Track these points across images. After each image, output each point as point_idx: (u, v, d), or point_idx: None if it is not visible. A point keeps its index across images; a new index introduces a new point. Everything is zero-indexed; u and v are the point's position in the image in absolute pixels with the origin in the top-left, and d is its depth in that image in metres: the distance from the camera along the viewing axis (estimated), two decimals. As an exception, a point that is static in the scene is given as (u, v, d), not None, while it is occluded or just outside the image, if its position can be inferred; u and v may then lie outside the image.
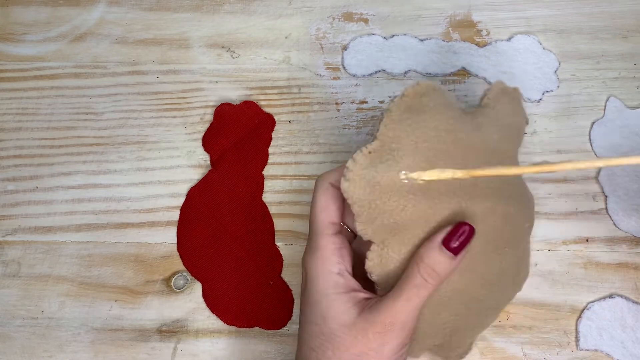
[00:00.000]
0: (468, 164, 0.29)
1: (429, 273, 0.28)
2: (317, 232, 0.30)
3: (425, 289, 0.28)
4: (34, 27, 0.48)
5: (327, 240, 0.30)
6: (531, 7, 0.47)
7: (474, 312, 0.31)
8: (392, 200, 0.28)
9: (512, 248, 0.31)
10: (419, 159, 0.28)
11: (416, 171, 0.28)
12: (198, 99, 0.45)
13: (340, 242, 0.30)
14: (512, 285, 0.33)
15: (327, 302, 0.28)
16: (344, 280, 0.29)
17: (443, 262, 0.28)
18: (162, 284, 0.40)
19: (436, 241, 0.28)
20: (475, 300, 0.31)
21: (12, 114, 0.45)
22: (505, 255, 0.31)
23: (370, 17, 0.47)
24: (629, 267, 0.39)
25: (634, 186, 0.40)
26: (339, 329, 0.28)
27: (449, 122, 0.29)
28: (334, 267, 0.29)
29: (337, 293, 0.29)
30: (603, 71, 0.44)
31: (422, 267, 0.28)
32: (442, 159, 0.28)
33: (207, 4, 0.48)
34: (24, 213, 0.42)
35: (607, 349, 0.36)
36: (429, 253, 0.28)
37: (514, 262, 0.32)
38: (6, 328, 0.39)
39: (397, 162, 0.28)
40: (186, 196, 0.42)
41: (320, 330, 0.28)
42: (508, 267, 0.32)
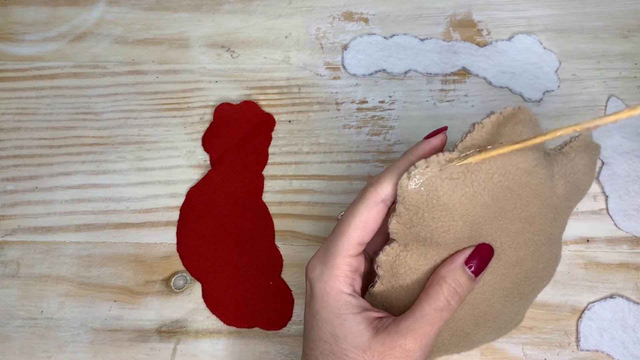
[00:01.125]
0: (528, 211, 0.28)
1: (452, 295, 0.27)
2: (338, 248, 0.28)
3: (447, 312, 0.27)
4: (33, 26, 0.48)
5: (344, 261, 0.28)
6: (532, 6, 0.47)
7: (455, 342, 0.32)
8: (440, 220, 0.27)
9: (522, 299, 0.32)
10: (488, 191, 0.26)
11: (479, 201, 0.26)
12: (198, 99, 0.45)
13: (357, 264, 0.28)
14: (502, 329, 0.33)
15: (340, 322, 0.27)
16: (356, 300, 0.28)
17: (465, 284, 0.27)
18: (161, 284, 0.40)
19: (458, 262, 0.27)
20: (463, 332, 0.31)
21: (12, 114, 0.45)
22: (512, 304, 0.31)
23: (370, 16, 0.47)
24: (630, 267, 0.38)
25: (634, 186, 0.40)
26: (351, 350, 0.27)
27: (530, 164, 0.27)
28: (345, 287, 0.28)
29: (350, 313, 0.27)
30: (604, 71, 0.44)
31: (445, 288, 0.27)
32: (508, 198, 0.27)
33: (206, 4, 0.48)
34: (24, 213, 0.42)
35: (608, 349, 0.36)
36: (452, 274, 0.27)
37: (515, 311, 0.32)
38: (5, 328, 0.39)
39: (465, 187, 0.26)
40: (186, 196, 0.42)
41: (330, 349, 0.27)
42: (509, 313, 0.32)
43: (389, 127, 0.43)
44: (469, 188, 0.26)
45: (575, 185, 0.30)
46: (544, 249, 0.30)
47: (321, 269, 0.28)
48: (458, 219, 0.27)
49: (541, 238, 0.30)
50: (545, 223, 0.29)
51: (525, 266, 0.30)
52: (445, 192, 0.26)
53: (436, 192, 0.26)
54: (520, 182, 0.27)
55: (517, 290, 0.31)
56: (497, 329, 0.33)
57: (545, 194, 0.28)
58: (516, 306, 0.32)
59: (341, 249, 0.28)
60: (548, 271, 0.32)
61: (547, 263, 0.31)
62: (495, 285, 0.30)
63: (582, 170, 0.30)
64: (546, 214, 0.29)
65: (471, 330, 0.31)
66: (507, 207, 0.27)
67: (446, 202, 0.26)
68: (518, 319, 0.34)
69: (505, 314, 0.32)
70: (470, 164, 0.26)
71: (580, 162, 0.30)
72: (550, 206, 0.29)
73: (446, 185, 0.26)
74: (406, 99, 0.44)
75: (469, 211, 0.27)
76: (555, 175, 0.29)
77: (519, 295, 0.31)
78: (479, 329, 0.31)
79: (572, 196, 0.30)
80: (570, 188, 0.30)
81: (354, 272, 0.28)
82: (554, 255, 0.32)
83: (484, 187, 0.26)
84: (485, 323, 0.31)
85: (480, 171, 0.26)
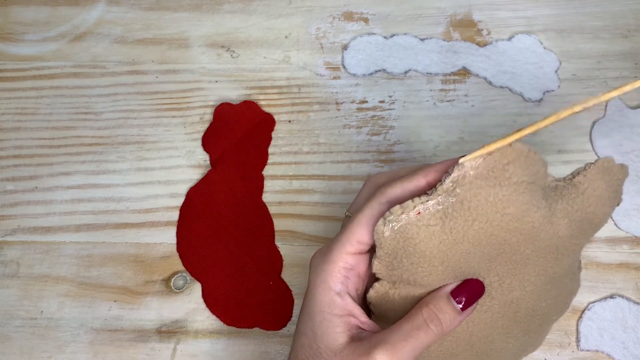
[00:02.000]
0: (520, 255, 0.27)
1: (432, 318, 0.27)
2: (338, 243, 0.28)
3: (425, 334, 0.26)
4: (33, 26, 0.48)
5: (342, 257, 0.27)
6: (532, 6, 0.47)
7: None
8: (420, 265, 0.26)
9: (527, 335, 0.31)
10: (468, 238, 0.25)
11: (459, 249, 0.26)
12: (198, 99, 0.45)
13: (355, 262, 0.28)
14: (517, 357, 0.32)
15: (320, 319, 0.27)
16: (341, 301, 0.27)
17: (448, 313, 0.27)
18: (161, 284, 0.40)
19: (445, 291, 0.27)
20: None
21: (11, 114, 0.45)
22: (517, 340, 0.30)
23: (370, 16, 0.47)
24: (630, 267, 0.38)
25: (634, 186, 0.40)
26: (324, 350, 0.27)
27: (519, 209, 0.25)
28: (335, 285, 0.27)
29: (330, 313, 0.27)
30: (604, 71, 0.44)
31: (425, 311, 0.27)
32: (493, 244, 0.26)
33: (206, 4, 0.48)
34: (23, 213, 0.42)
35: (608, 349, 0.36)
36: (435, 300, 0.27)
37: (521, 346, 0.31)
38: (5, 328, 0.39)
39: (443, 234, 0.25)
40: (186, 196, 0.42)
41: (308, 344, 0.28)
42: (513, 349, 0.31)
43: (389, 127, 0.43)
44: (447, 236, 0.25)
45: (585, 221, 0.27)
46: (547, 287, 0.29)
47: (318, 261, 0.28)
48: (438, 264, 0.26)
49: (541, 278, 0.28)
50: (544, 264, 0.28)
51: (524, 305, 0.29)
52: (421, 240, 0.25)
53: (412, 240, 0.25)
54: (506, 228, 0.26)
55: (520, 327, 0.30)
56: (513, 356, 0.32)
57: (541, 237, 0.26)
58: (521, 341, 0.31)
59: (340, 244, 0.27)
60: (557, 307, 0.31)
61: (553, 300, 0.29)
62: (492, 324, 0.29)
63: (595, 203, 0.27)
64: (545, 255, 0.27)
65: (468, 356, 0.30)
66: (493, 253, 0.26)
67: (423, 250, 0.26)
68: (529, 350, 0.32)
69: (509, 349, 0.31)
70: (447, 210, 0.25)
71: (593, 194, 0.27)
72: (549, 247, 0.27)
73: (422, 233, 0.25)
74: (406, 98, 0.44)
75: (449, 257, 0.26)
76: (557, 215, 0.26)
77: (523, 332, 0.30)
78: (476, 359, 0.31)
79: (580, 233, 0.28)
80: (578, 226, 0.27)
81: (348, 270, 0.28)
82: (563, 292, 0.30)
83: (464, 235, 0.25)
84: (487, 357, 0.31)
85: (459, 218, 0.25)
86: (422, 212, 0.25)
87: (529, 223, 0.26)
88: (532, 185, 0.25)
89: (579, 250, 0.29)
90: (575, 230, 0.27)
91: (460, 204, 0.25)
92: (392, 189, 0.27)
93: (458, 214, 0.25)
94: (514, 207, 0.25)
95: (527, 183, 0.25)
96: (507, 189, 0.25)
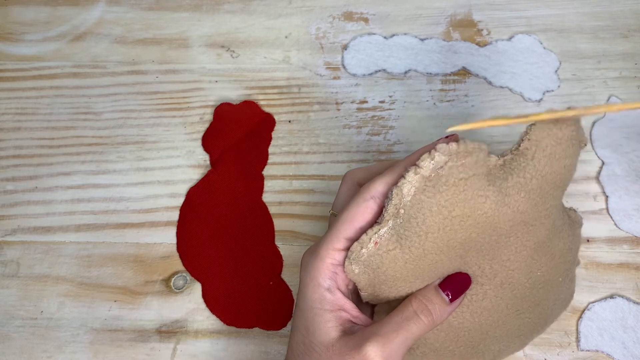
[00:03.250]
0: (488, 243, 0.27)
1: (421, 309, 0.27)
2: (326, 240, 0.28)
3: (415, 324, 0.27)
4: (33, 26, 0.48)
5: (329, 253, 0.28)
6: (532, 6, 0.47)
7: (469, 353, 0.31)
8: (397, 286, 0.27)
9: (540, 305, 0.31)
10: (429, 251, 0.26)
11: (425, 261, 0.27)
12: (198, 99, 0.45)
13: (343, 258, 0.28)
14: (539, 331, 0.33)
15: (311, 315, 0.28)
16: (331, 296, 0.28)
17: (438, 304, 0.28)
18: (161, 284, 0.40)
19: (432, 284, 0.28)
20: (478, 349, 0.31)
21: (11, 114, 0.45)
22: (532, 312, 0.31)
23: (370, 16, 0.47)
24: (630, 267, 0.38)
25: (634, 186, 0.40)
26: (317, 345, 0.27)
27: (466, 207, 0.25)
28: (324, 281, 0.28)
29: (321, 309, 0.28)
30: (604, 71, 0.44)
31: (415, 302, 0.28)
32: (456, 246, 0.26)
33: (206, 4, 0.48)
34: (23, 213, 0.42)
35: (608, 349, 0.36)
36: (424, 292, 0.28)
37: (542, 315, 0.31)
38: (5, 328, 0.39)
39: (403, 253, 0.26)
40: (186, 196, 0.42)
41: (302, 340, 0.28)
42: (534, 319, 0.31)
43: (389, 127, 0.43)
44: (408, 255, 0.26)
45: (546, 184, 0.26)
46: (534, 258, 0.29)
47: (307, 259, 0.29)
48: (413, 279, 0.27)
49: (522, 253, 0.28)
50: (519, 240, 0.27)
51: (517, 282, 0.29)
52: (388, 266, 0.26)
53: (380, 269, 0.27)
54: (461, 228, 0.26)
55: (526, 302, 0.30)
56: (528, 333, 0.32)
57: (501, 221, 0.26)
58: (538, 312, 0.31)
59: (327, 241, 0.28)
60: (558, 268, 0.30)
61: (549, 265, 0.30)
62: (495, 309, 0.29)
63: (550, 163, 0.26)
64: (515, 233, 0.27)
65: (488, 343, 0.31)
66: (460, 252, 0.27)
67: (393, 274, 0.27)
68: (557, 311, 0.32)
69: (531, 322, 0.31)
70: (399, 230, 0.26)
71: (544, 155, 0.25)
72: (515, 226, 0.27)
73: (386, 259, 0.26)
74: (406, 98, 0.44)
75: (420, 270, 0.27)
76: (510, 193, 0.25)
77: (533, 304, 0.30)
78: (500, 343, 0.31)
79: (546, 198, 0.26)
80: (539, 193, 0.26)
81: (337, 266, 0.28)
82: (557, 252, 0.30)
83: (423, 249, 0.26)
84: (507, 338, 0.31)
85: (412, 236, 0.26)
86: (378, 242, 0.26)
87: (481, 215, 0.25)
88: (472, 178, 0.25)
89: (556, 209, 0.28)
90: (537, 197, 0.26)
91: (408, 223, 0.25)
92: (376, 186, 0.27)
93: (410, 232, 0.26)
94: (459, 208, 0.25)
95: (464, 179, 0.25)
96: (446, 194, 0.25)
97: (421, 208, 0.25)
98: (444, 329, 0.29)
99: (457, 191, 0.25)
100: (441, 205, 0.25)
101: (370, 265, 0.27)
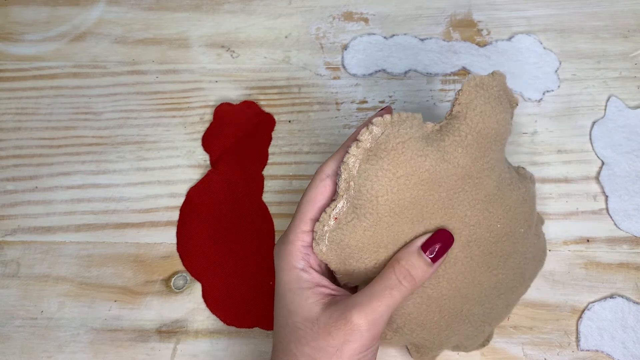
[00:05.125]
0: (439, 200, 0.28)
1: (404, 275, 0.27)
2: (293, 225, 0.29)
3: (398, 292, 0.27)
4: (33, 26, 0.48)
5: (298, 236, 0.29)
6: (532, 6, 0.47)
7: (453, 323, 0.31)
8: (364, 258, 0.28)
9: (510, 258, 0.31)
10: (383, 214, 0.27)
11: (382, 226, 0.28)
12: (198, 99, 0.45)
13: (312, 239, 0.29)
14: (517, 288, 0.33)
15: (291, 296, 0.28)
16: (307, 275, 0.29)
17: (420, 267, 0.28)
18: (161, 284, 0.40)
19: (415, 245, 0.28)
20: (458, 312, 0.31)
21: (12, 114, 0.45)
22: (505, 266, 0.31)
23: (370, 16, 0.47)
24: (630, 267, 0.38)
25: (634, 186, 0.40)
26: (301, 322, 0.28)
27: (409, 165, 0.27)
28: (298, 262, 0.29)
29: (300, 288, 0.28)
30: (604, 71, 0.44)
31: (397, 269, 0.28)
32: (408, 207, 0.28)
33: (206, 4, 0.48)
34: (24, 213, 0.42)
35: (608, 349, 0.36)
36: (407, 256, 0.28)
37: (517, 268, 0.32)
38: (5, 328, 0.39)
39: (360, 221, 0.28)
40: (186, 196, 0.42)
41: (285, 323, 0.28)
42: (509, 274, 0.31)
43: (389, 127, 0.43)
44: (365, 222, 0.28)
45: (481, 138, 0.28)
46: (489, 210, 0.30)
47: (278, 247, 0.30)
48: (377, 248, 0.28)
49: (476, 207, 0.29)
50: (468, 194, 0.29)
51: (480, 237, 0.30)
52: (350, 238, 0.28)
53: (343, 242, 0.28)
54: (408, 187, 0.27)
55: (495, 258, 0.30)
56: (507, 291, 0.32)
57: (444, 176, 0.28)
58: (511, 265, 0.31)
59: (294, 225, 0.29)
60: (516, 218, 0.31)
61: (505, 215, 0.30)
62: (467, 269, 0.30)
63: (482, 120, 0.28)
64: (462, 187, 0.28)
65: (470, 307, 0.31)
66: (415, 213, 0.28)
67: (356, 244, 0.28)
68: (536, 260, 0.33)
69: (507, 277, 0.31)
70: (354, 201, 0.27)
71: (474, 113, 0.28)
72: (460, 179, 0.28)
73: (347, 231, 0.28)
74: (406, 98, 0.44)
75: (382, 238, 0.28)
76: (448, 150, 0.28)
77: (503, 258, 0.31)
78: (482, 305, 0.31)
79: (485, 151, 0.28)
80: (476, 147, 0.28)
81: (307, 247, 0.29)
82: (511, 203, 0.30)
83: (377, 214, 0.27)
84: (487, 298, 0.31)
85: (365, 203, 0.27)
86: (338, 217, 0.28)
87: (424, 172, 0.27)
88: (409, 141, 0.27)
89: (498, 162, 0.30)
90: (475, 152, 0.28)
91: (359, 192, 0.27)
92: (328, 164, 0.29)
93: (362, 200, 0.27)
94: (401, 169, 0.27)
95: (402, 142, 0.27)
96: (387, 158, 0.27)
97: (368, 176, 0.27)
98: (424, 302, 0.30)
99: (396, 154, 0.27)
100: (384, 169, 0.27)
101: (335, 241, 0.28)
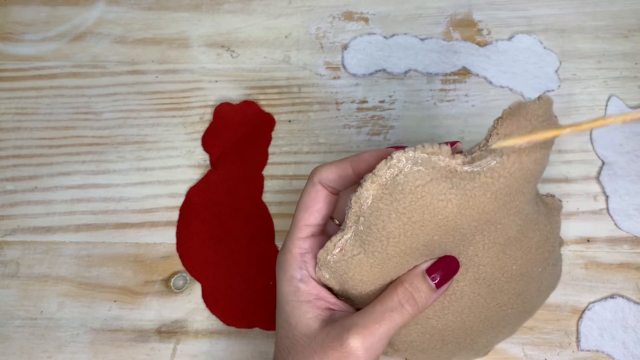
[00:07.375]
0: (453, 244, 0.27)
1: (407, 299, 0.27)
2: (289, 234, 0.29)
3: (400, 315, 0.26)
4: (33, 26, 0.48)
5: (294, 244, 0.28)
6: (532, 6, 0.47)
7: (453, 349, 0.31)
8: (365, 290, 0.28)
9: (522, 295, 0.30)
10: (392, 255, 0.26)
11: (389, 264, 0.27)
12: (197, 99, 0.45)
13: (309, 246, 0.29)
14: (525, 318, 0.32)
15: (290, 309, 0.28)
16: (305, 287, 0.28)
17: (424, 291, 0.27)
18: (161, 284, 0.40)
19: (420, 269, 0.27)
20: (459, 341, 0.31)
21: (11, 114, 0.45)
22: (513, 303, 0.30)
23: (370, 16, 0.47)
24: (630, 267, 0.38)
25: (634, 186, 0.40)
26: (300, 337, 0.27)
27: (427, 210, 0.24)
28: (296, 272, 0.28)
29: (297, 301, 0.28)
30: (604, 71, 0.44)
31: (401, 291, 0.27)
32: (419, 247, 0.26)
33: (206, 4, 0.48)
34: (23, 213, 0.42)
35: (608, 349, 0.36)
36: (411, 279, 0.27)
37: (526, 301, 0.31)
38: (5, 328, 0.39)
39: (367, 258, 0.26)
40: (185, 196, 0.42)
41: (286, 335, 0.28)
42: (518, 308, 0.31)
43: (389, 127, 0.43)
44: (373, 259, 0.26)
45: (514, 181, 0.25)
46: (506, 253, 0.28)
47: (279, 257, 0.29)
48: (380, 282, 0.28)
49: (491, 249, 0.27)
50: (486, 238, 0.27)
51: (491, 276, 0.28)
52: (355, 271, 0.27)
53: (347, 274, 0.27)
54: (422, 232, 0.25)
55: (506, 294, 0.30)
56: (515, 321, 0.32)
57: (463, 223, 0.25)
58: (521, 301, 0.30)
59: (291, 233, 0.29)
60: (535, 260, 0.29)
61: (524, 258, 0.29)
62: (474, 304, 0.29)
63: (519, 160, 0.24)
64: (480, 232, 0.26)
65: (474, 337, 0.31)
66: (425, 252, 0.27)
67: (360, 278, 0.27)
68: (545, 293, 0.32)
69: (515, 311, 0.31)
70: (362, 236, 0.26)
71: (512, 151, 0.24)
72: (481, 225, 0.26)
73: (352, 264, 0.27)
74: (406, 98, 0.44)
75: (387, 273, 0.27)
76: (476, 194, 0.24)
77: (515, 295, 0.30)
78: (487, 335, 0.31)
79: (514, 196, 0.25)
80: (507, 192, 0.25)
81: (304, 254, 0.28)
82: (533, 245, 0.29)
83: (386, 253, 0.26)
84: (493, 330, 0.31)
85: (375, 241, 0.26)
86: (343, 248, 0.26)
87: (442, 220, 0.25)
88: (430, 184, 0.24)
89: (528, 204, 0.27)
90: (504, 197, 0.25)
91: (369, 229, 0.25)
92: (321, 171, 0.28)
93: (372, 237, 0.26)
94: (418, 214, 0.24)
95: (422, 186, 0.24)
96: (403, 202, 0.24)
97: (380, 215, 0.25)
98: (428, 331, 0.29)
99: (414, 198, 0.24)
100: (399, 212, 0.24)
101: (338, 271, 0.27)
